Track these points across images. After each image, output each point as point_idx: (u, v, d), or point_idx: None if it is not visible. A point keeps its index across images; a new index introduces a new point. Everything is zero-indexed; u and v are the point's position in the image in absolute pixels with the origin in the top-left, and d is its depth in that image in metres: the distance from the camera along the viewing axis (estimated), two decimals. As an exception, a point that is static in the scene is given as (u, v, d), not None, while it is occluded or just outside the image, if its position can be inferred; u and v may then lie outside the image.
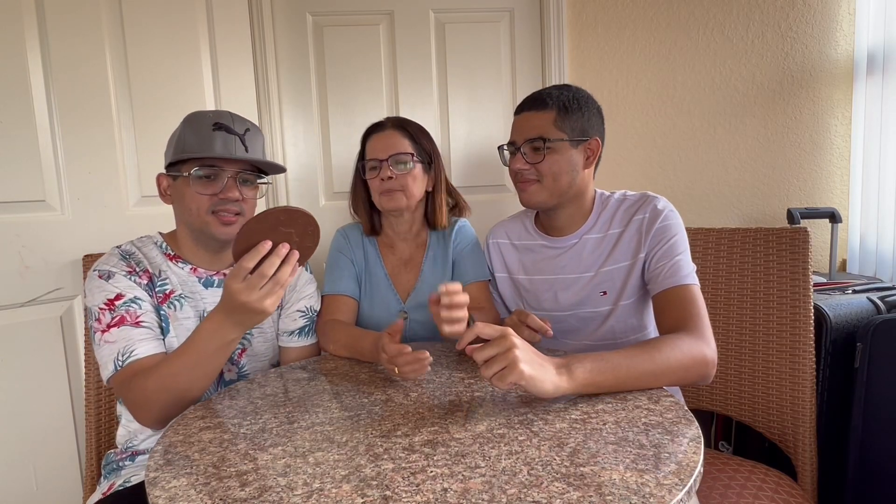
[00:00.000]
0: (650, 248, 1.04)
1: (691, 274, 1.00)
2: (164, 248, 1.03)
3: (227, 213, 0.98)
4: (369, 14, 1.80)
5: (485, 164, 1.89)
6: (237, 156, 0.97)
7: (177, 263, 1.02)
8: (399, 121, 1.22)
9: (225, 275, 1.06)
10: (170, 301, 1.00)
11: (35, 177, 1.29)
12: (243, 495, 0.58)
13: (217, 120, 0.97)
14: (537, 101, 1.07)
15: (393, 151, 1.17)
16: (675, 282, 0.99)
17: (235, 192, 0.97)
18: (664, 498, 0.54)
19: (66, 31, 1.31)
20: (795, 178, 1.87)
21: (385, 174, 1.16)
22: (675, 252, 1.01)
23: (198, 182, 0.96)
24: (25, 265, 1.28)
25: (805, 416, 1.13)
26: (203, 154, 0.95)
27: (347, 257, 1.24)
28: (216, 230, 0.98)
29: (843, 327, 1.36)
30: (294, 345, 1.12)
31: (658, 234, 1.04)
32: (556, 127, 1.05)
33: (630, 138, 1.87)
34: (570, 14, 1.81)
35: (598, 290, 1.09)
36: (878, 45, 1.70)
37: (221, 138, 0.96)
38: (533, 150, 1.06)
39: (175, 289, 1.01)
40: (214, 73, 1.52)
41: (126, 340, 0.91)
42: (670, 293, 0.98)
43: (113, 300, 0.93)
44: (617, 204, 1.12)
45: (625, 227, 1.08)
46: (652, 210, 1.06)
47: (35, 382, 1.29)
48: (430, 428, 0.73)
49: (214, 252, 1.05)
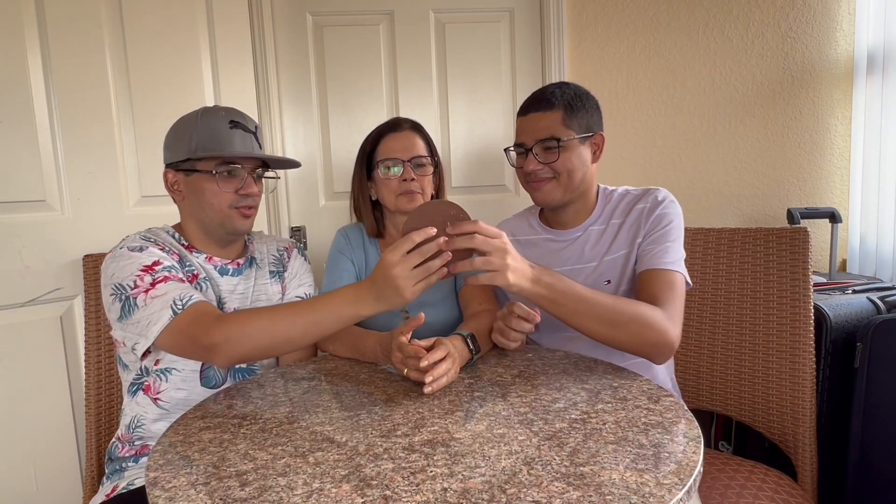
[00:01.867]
0: (647, 232, 1.07)
1: (678, 262, 1.03)
2: (178, 239, 1.04)
3: (247, 208, 1.02)
4: (369, 14, 1.80)
5: (485, 164, 1.89)
6: (258, 154, 1.01)
7: (191, 252, 1.04)
8: (414, 122, 1.24)
9: (239, 264, 1.07)
10: (197, 282, 1.01)
11: (35, 177, 1.29)
12: (243, 495, 0.58)
13: (231, 118, 1.00)
14: (543, 101, 1.08)
15: (415, 153, 1.18)
16: (659, 264, 1.02)
17: (255, 188, 1.02)
18: (664, 498, 0.54)
19: (65, 31, 1.31)
20: (795, 178, 1.87)
21: (408, 175, 1.17)
22: (667, 238, 1.04)
23: (223, 180, 0.99)
24: (25, 265, 1.28)
25: (805, 416, 1.13)
26: (226, 152, 0.97)
27: (348, 258, 1.24)
28: (238, 223, 1.01)
29: (843, 327, 1.36)
30: None
31: (655, 220, 1.07)
32: (564, 126, 1.07)
33: (630, 138, 1.87)
34: (570, 14, 1.81)
35: (602, 279, 1.11)
36: (878, 45, 1.70)
37: (239, 136, 0.99)
38: (544, 151, 1.08)
39: (199, 272, 1.02)
40: (214, 72, 1.52)
41: (180, 290, 0.89)
42: (653, 273, 1.02)
43: (151, 266, 0.91)
44: (620, 198, 1.15)
45: (626, 217, 1.11)
46: (653, 200, 1.09)
47: (35, 382, 1.29)
48: (430, 428, 0.73)
49: (224, 245, 1.07)
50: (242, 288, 1.07)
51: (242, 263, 1.08)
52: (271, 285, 1.11)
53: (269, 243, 1.16)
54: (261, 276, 1.11)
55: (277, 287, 1.13)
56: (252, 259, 1.11)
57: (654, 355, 0.96)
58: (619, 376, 0.89)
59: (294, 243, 1.21)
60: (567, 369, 0.93)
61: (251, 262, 1.11)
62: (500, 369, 0.95)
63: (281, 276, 1.14)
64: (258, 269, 1.11)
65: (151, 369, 1.00)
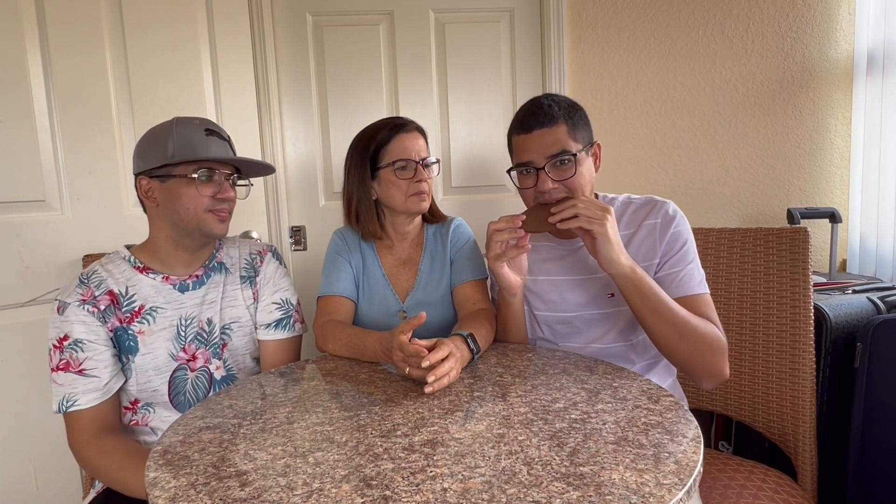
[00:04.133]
0: (664, 253, 1.04)
1: (703, 283, 1.02)
2: (132, 262, 1.03)
3: (223, 212, 1.03)
4: (369, 14, 1.80)
5: (485, 164, 1.89)
6: (236, 158, 1.02)
7: (147, 275, 1.03)
8: (417, 124, 1.22)
9: (198, 276, 1.07)
10: (141, 316, 1.01)
11: (35, 177, 1.29)
12: (243, 495, 0.58)
13: (206, 126, 1.02)
14: (547, 117, 1.01)
15: (424, 154, 1.18)
16: (688, 291, 1.01)
17: (231, 192, 1.03)
18: (664, 498, 0.54)
19: (66, 31, 1.31)
20: (795, 178, 1.87)
21: (421, 175, 1.16)
22: (687, 260, 1.03)
23: (203, 184, 0.99)
24: (25, 265, 1.28)
25: (805, 416, 1.13)
26: (205, 156, 0.98)
27: (345, 259, 1.23)
28: (214, 226, 1.02)
29: (843, 327, 1.36)
30: (271, 338, 1.12)
31: (672, 239, 1.04)
32: (571, 139, 1.01)
33: (630, 138, 1.87)
34: (570, 14, 1.81)
35: (605, 291, 1.08)
36: (878, 45, 1.70)
37: (215, 142, 1.01)
38: (556, 167, 1.01)
39: (146, 303, 1.01)
40: (214, 73, 1.52)
41: (71, 387, 0.96)
42: (691, 300, 1.01)
43: (62, 339, 0.96)
44: (623, 207, 1.11)
45: (636, 230, 1.07)
46: (664, 215, 1.05)
47: (35, 382, 1.29)
48: (430, 428, 0.73)
49: (194, 251, 1.06)
50: (213, 296, 1.06)
51: (202, 275, 1.07)
52: (242, 290, 1.10)
53: (241, 247, 1.15)
54: (230, 281, 1.10)
55: (249, 292, 1.11)
56: (220, 265, 1.10)
57: (705, 376, 0.97)
58: (619, 376, 0.89)
59: (269, 247, 1.18)
60: (567, 369, 0.93)
61: (220, 267, 1.10)
62: (500, 369, 0.95)
63: (252, 281, 1.12)
64: (228, 275, 1.10)
65: (137, 408, 1.03)
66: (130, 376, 1.00)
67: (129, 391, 1.01)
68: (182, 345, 1.03)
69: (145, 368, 1.00)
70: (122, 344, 0.99)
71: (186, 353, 1.03)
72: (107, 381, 0.97)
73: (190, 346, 1.03)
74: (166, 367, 1.01)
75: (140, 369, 0.99)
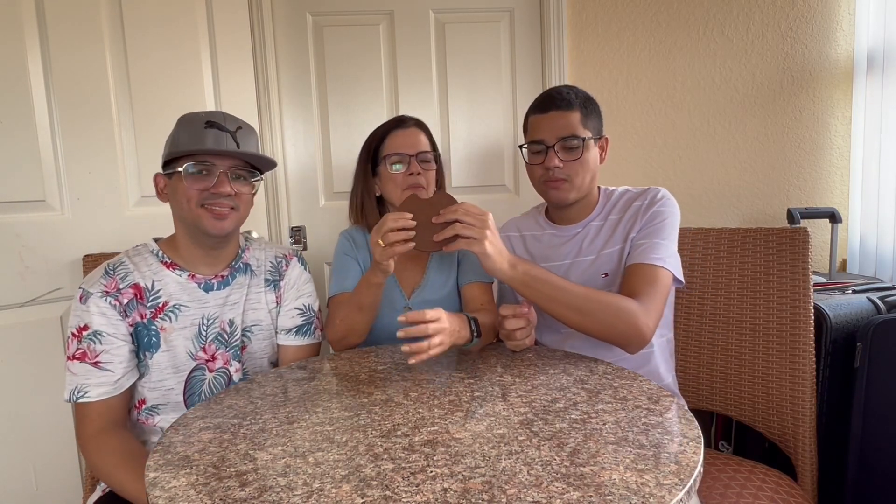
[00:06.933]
0: (641, 227, 1.10)
1: (666, 259, 1.04)
2: (160, 257, 1.03)
3: (221, 208, 0.99)
4: (369, 14, 1.80)
5: (485, 163, 1.89)
6: (226, 150, 0.98)
7: (174, 271, 1.02)
8: (418, 120, 1.25)
9: (223, 276, 1.06)
10: (164, 313, 1.00)
11: (35, 177, 1.29)
12: (243, 495, 0.58)
13: (209, 118, 0.99)
14: (564, 101, 1.11)
15: (420, 149, 1.20)
16: (646, 259, 1.04)
17: (227, 187, 0.98)
18: (664, 498, 0.54)
19: (66, 31, 1.31)
20: (795, 178, 1.87)
21: (415, 169, 1.17)
22: (659, 234, 1.06)
23: (190, 177, 0.97)
24: (25, 265, 1.28)
25: (805, 416, 1.13)
26: (194, 149, 0.96)
27: (352, 258, 1.24)
28: (207, 224, 0.98)
29: (843, 327, 1.36)
30: (291, 343, 1.12)
31: (651, 216, 1.09)
32: (582, 126, 1.11)
33: (630, 138, 1.87)
34: (570, 14, 1.81)
35: (599, 272, 1.13)
36: (878, 45, 1.70)
37: (213, 135, 0.97)
38: (565, 149, 1.10)
39: (169, 300, 1.01)
40: (214, 73, 1.52)
41: (84, 378, 0.95)
42: (638, 267, 1.04)
43: (81, 329, 0.96)
44: (620, 195, 1.18)
45: (624, 213, 1.14)
46: (651, 197, 1.12)
47: (35, 382, 1.29)
48: (430, 428, 0.73)
49: (210, 249, 1.04)
50: (236, 297, 1.06)
51: (227, 275, 1.06)
52: (266, 294, 1.10)
53: (267, 250, 1.15)
54: (255, 283, 1.09)
55: (272, 296, 1.11)
56: (246, 266, 1.10)
57: (624, 345, 0.99)
58: (619, 376, 0.89)
59: (295, 252, 1.18)
60: (567, 369, 0.93)
61: (245, 269, 1.09)
62: (499, 369, 0.95)
63: (277, 284, 1.11)
64: (253, 277, 1.10)
65: (141, 409, 1.03)
66: (146, 373, 0.99)
67: (139, 390, 1.01)
68: (202, 344, 1.02)
69: (163, 366, 0.99)
70: (141, 340, 0.99)
71: (206, 352, 1.03)
72: (119, 377, 0.96)
73: (210, 347, 1.03)
74: (184, 366, 1.01)
75: (157, 367, 0.99)
